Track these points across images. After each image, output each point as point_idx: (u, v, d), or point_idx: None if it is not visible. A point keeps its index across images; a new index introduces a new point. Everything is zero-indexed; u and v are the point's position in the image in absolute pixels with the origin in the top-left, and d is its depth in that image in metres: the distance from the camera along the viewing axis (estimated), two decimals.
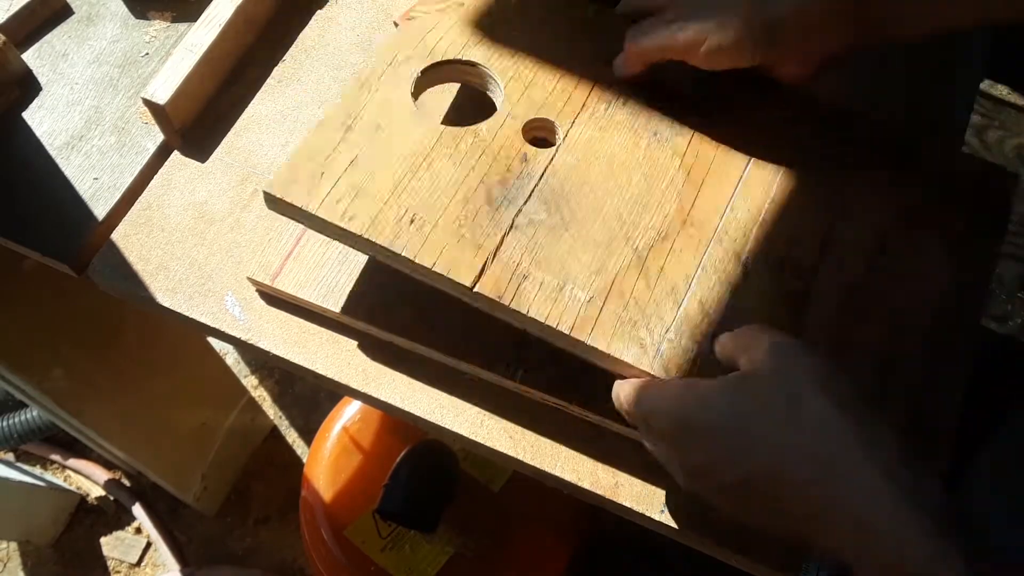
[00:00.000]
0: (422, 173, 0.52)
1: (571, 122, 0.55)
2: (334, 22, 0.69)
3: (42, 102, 0.66)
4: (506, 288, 0.49)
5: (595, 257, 0.51)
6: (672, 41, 0.53)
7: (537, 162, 0.53)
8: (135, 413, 1.10)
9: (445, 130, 0.54)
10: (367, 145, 0.52)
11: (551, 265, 0.50)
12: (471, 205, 0.51)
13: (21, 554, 1.38)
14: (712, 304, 0.50)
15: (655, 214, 0.53)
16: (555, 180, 0.53)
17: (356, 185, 0.51)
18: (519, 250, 0.50)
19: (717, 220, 0.53)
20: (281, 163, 0.52)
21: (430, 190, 0.51)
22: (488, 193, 0.52)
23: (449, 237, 0.50)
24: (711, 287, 0.51)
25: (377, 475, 0.98)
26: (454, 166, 0.52)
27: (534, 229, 0.51)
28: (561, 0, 0.60)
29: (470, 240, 0.50)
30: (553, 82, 0.57)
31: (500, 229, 0.50)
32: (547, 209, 0.52)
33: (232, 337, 0.57)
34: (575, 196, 0.52)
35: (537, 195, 0.52)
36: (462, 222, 0.50)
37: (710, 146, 0.56)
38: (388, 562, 0.95)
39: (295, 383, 1.48)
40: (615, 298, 0.49)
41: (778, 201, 0.55)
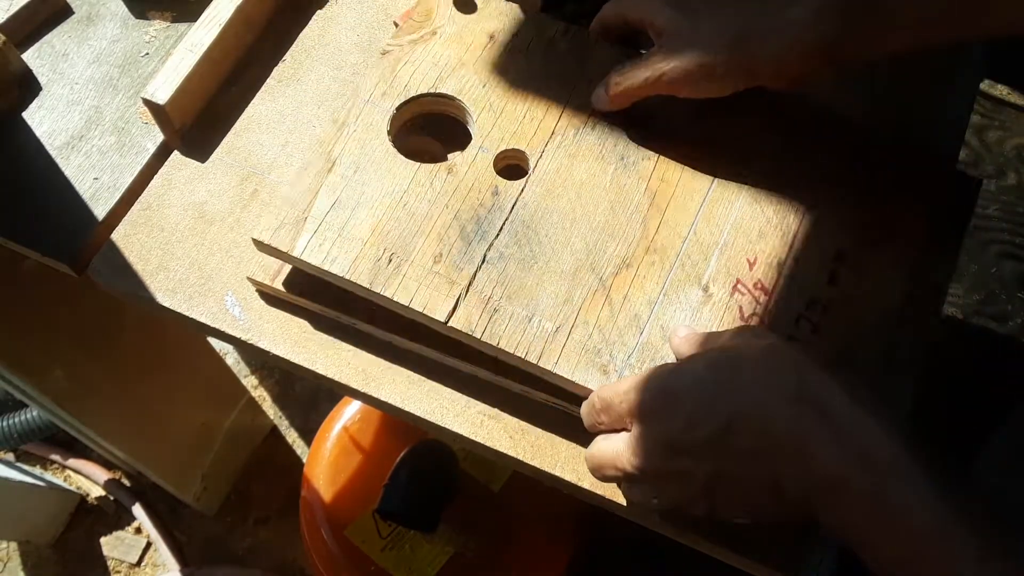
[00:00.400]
0: (399, 212, 0.54)
1: (540, 152, 0.57)
2: (334, 22, 0.69)
3: (42, 102, 0.66)
4: (477, 322, 0.51)
5: (562, 287, 0.53)
6: (657, 81, 0.54)
7: (508, 195, 0.55)
8: (135, 413, 1.10)
9: (420, 168, 0.56)
10: (347, 187, 0.55)
11: (520, 297, 0.52)
12: (445, 242, 0.53)
13: (21, 554, 1.38)
14: (673, 329, 0.52)
15: (620, 242, 0.55)
16: (525, 212, 0.55)
17: (337, 227, 0.53)
18: (490, 284, 0.52)
19: (680, 244, 0.55)
20: (271, 208, 0.53)
21: (406, 228, 0.54)
22: (461, 229, 0.54)
23: (424, 275, 0.52)
24: (672, 312, 0.53)
25: (377, 475, 0.98)
26: (428, 204, 0.55)
27: (504, 263, 0.53)
28: (531, 27, 0.61)
29: (444, 276, 0.52)
30: (523, 110, 0.58)
31: (473, 264, 0.53)
32: (517, 242, 0.54)
33: (232, 337, 0.57)
34: (544, 227, 0.55)
35: (508, 228, 0.54)
36: (437, 259, 0.53)
37: (675, 168, 0.57)
38: (388, 562, 0.95)
39: (295, 383, 1.48)
40: (580, 327, 0.52)
41: (739, 222, 0.56)
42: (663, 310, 0.53)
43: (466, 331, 0.51)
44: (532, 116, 0.58)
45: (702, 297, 0.53)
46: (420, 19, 0.62)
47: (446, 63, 0.60)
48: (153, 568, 1.36)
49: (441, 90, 0.59)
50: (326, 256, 0.53)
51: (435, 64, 0.60)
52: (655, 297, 0.53)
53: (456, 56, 0.60)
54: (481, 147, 0.57)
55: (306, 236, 0.53)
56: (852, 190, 0.58)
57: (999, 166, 1.52)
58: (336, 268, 0.52)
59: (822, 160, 0.58)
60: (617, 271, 0.54)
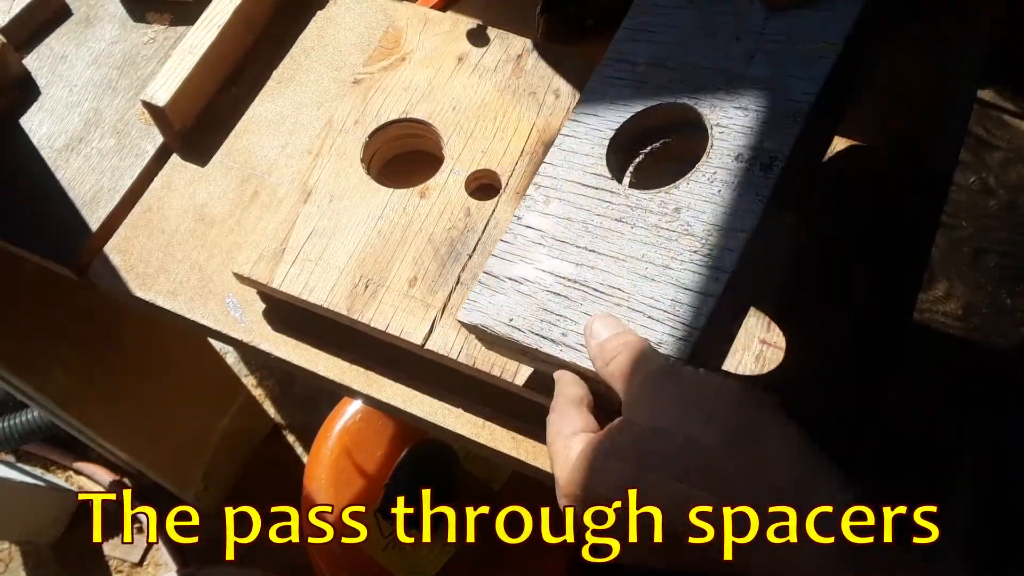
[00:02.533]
0: (374, 238, 0.55)
1: (511, 170, 0.57)
2: (333, 23, 0.69)
3: (41, 104, 0.66)
4: (453, 344, 0.52)
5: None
6: None
7: (480, 215, 0.56)
8: (135, 414, 1.10)
9: (393, 193, 0.57)
10: (322, 216, 0.56)
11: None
12: (420, 266, 0.54)
13: (22, 554, 1.38)
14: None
15: None
16: (497, 231, 0.55)
17: (315, 257, 0.55)
18: None
19: None
20: (247, 244, 0.52)
21: (382, 254, 0.55)
22: (435, 252, 0.55)
23: (400, 299, 0.53)
24: None
25: (378, 475, 0.98)
26: (402, 229, 0.56)
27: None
28: (499, 46, 0.62)
29: (419, 300, 0.53)
30: (493, 130, 0.59)
31: (447, 286, 0.54)
32: None
33: (233, 339, 0.57)
34: None
35: (481, 249, 0.55)
36: (412, 283, 0.54)
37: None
38: (389, 562, 0.95)
39: (295, 383, 1.48)
40: None
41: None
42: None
43: (442, 353, 0.52)
44: (502, 136, 0.59)
45: None
46: (389, 46, 0.62)
47: (416, 88, 0.61)
48: (155, 568, 1.37)
49: (413, 115, 0.60)
50: (304, 285, 0.54)
51: (406, 90, 0.61)
52: None
53: (426, 80, 0.61)
54: (452, 170, 0.57)
55: (284, 267, 0.54)
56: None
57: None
58: (315, 297, 0.53)
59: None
60: None
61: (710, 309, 0.42)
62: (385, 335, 0.53)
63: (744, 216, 0.43)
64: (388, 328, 0.53)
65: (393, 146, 0.61)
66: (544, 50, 0.62)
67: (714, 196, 0.44)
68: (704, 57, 0.49)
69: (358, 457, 1.03)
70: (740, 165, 0.45)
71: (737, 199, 0.44)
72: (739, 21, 0.50)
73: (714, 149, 0.46)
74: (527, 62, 0.61)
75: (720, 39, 0.50)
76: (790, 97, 0.46)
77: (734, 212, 0.43)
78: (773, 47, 0.48)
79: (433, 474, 0.96)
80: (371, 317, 0.53)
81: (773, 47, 0.48)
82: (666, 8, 0.52)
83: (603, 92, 0.51)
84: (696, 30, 0.51)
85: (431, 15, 0.64)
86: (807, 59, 0.47)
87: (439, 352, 0.52)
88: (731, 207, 0.44)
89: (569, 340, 0.44)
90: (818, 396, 0.51)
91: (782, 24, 0.48)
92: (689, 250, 0.43)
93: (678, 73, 0.49)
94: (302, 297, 0.54)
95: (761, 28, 0.49)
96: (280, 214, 0.56)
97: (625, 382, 0.40)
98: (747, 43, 0.49)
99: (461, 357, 0.52)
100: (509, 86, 0.60)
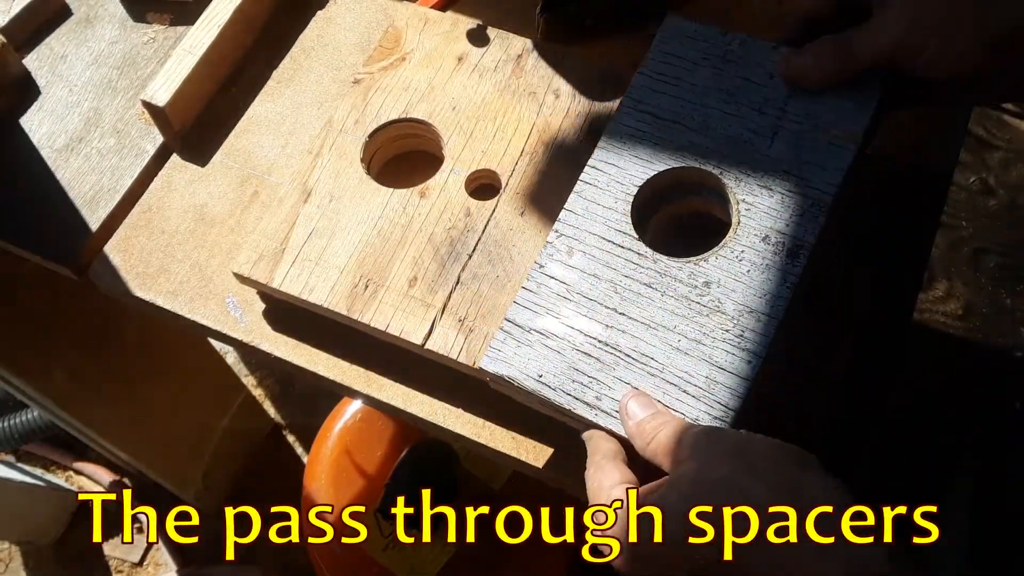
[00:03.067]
0: (374, 238, 0.55)
1: (511, 170, 0.57)
2: (333, 22, 0.69)
3: (41, 104, 0.66)
4: (453, 343, 0.52)
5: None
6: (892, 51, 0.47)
7: (480, 215, 0.56)
8: (135, 414, 1.10)
9: (393, 193, 0.57)
10: (322, 216, 0.56)
11: (495, 317, 0.53)
12: (419, 266, 0.54)
13: (23, 554, 1.38)
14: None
15: None
16: (497, 232, 0.55)
17: (315, 257, 0.55)
18: (465, 305, 0.53)
19: None
20: (246, 243, 0.53)
21: (382, 254, 0.55)
22: (435, 251, 0.55)
23: (400, 299, 0.53)
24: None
25: (378, 474, 0.98)
26: (402, 229, 0.56)
27: (478, 283, 0.54)
28: (498, 46, 0.61)
29: (419, 300, 0.53)
30: (493, 129, 0.59)
31: (447, 286, 0.54)
32: (490, 262, 0.54)
33: (233, 339, 0.57)
34: (516, 245, 0.55)
35: (481, 248, 0.55)
36: (412, 283, 0.54)
37: None
38: (389, 562, 0.95)
39: (295, 383, 1.48)
40: None
41: None
42: None
43: (442, 353, 0.52)
44: (502, 136, 0.59)
45: None
46: (389, 46, 0.62)
47: (416, 88, 0.61)
48: (155, 568, 1.37)
49: (412, 115, 0.59)
50: (304, 285, 0.54)
51: (406, 90, 0.60)
52: None
53: (426, 80, 0.61)
54: (453, 170, 0.57)
55: (284, 267, 0.54)
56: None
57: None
58: (315, 297, 0.53)
59: None
60: None
61: (745, 391, 0.43)
62: (385, 335, 0.53)
63: (774, 302, 0.45)
64: (388, 328, 0.53)
65: (393, 146, 0.61)
66: (544, 50, 0.62)
67: (743, 276, 0.46)
68: (726, 125, 0.50)
69: (358, 457, 1.03)
70: (768, 248, 0.46)
71: (766, 282, 0.45)
72: (759, 91, 0.50)
73: (741, 227, 0.47)
74: (527, 62, 0.61)
75: (741, 107, 0.50)
76: (813, 185, 0.47)
77: (764, 295, 0.45)
78: (795, 127, 0.49)
79: (433, 474, 0.96)
80: (371, 317, 0.53)
81: (795, 127, 0.49)
82: (683, 61, 0.52)
83: (623, 142, 0.51)
84: (715, 92, 0.51)
85: (431, 15, 0.64)
86: (830, 147, 0.48)
87: (439, 352, 0.52)
88: (760, 290, 0.45)
89: (604, 405, 0.44)
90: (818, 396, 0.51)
91: (803, 104, 0.49)
92: (721, 328, 0.44)
93: (700, 136, 0.50)
94: (302, 297, 0.54)
95: (783, 104, 0.50)
96: (280, 214, 0.56)
97: (670, 455, 0.41)
98: (769, 118, 0.49)
99: (461, 357, 0.52)
100: (509, 86, 0.60)
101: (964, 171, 1.52)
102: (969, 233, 1.48)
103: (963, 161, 1.51)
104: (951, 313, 1.42)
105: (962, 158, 1.49)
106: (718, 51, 0.52)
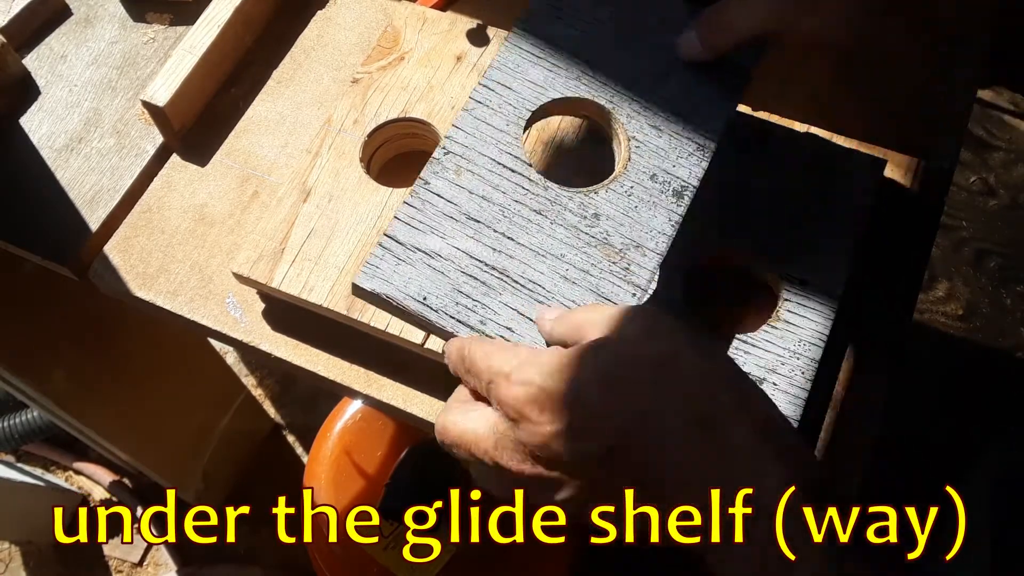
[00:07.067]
0: (373, 238, 0.55)
1: None
2: (333, 22, 0.69)
3: (41, 104, 0.66)
4: None
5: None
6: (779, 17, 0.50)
7: None
8: (135, 414, 1.10)
9: (392, 193, 0.57)
10: (322, 216, 0.56)
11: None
12: None
13: (23, 554, 1.38)
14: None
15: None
16: None
17: (314, 256, 0.55)
18: None
19: None
20: (245, 243, 0.54)
21: None
22: None
23: None
24: None
25: (378, 474, 0.98)
26: None
27: None
28: (496, 44, 0.61)
29: None
30: None
31: None
32: None
33: (233, 339, 0.57)
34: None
35: None
36: None
37: None
38: (389, 562, 0.95)
39: (295, 383, 1.48)
40: None
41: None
42: None
43: (442, 352, 0.51)
44: None
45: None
46: (388, 45, 0.62)
47: (415, 87, 0.61)
48: (155, 568, 1.37)
49: (411, 115, 0.60)
50: (304, 285, 0.54)
51: (404, 89, 0.60)
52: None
53: (425, 79, 0.61)
54: None
55: (284, 267, 0.54)
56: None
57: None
58: (314, 297, 0.53)
59: None
60: None
61: None
62: (385, 335, 0.53)
63: (659, 238, 0.46)
64: (388, 328, 0.53)
65: (392, 145, 0.61)
66: None
67: (631, 211, 0.47)
68: (622, 62, 0.50)
69: (358, 457, 1.03)
70: (655, 186, 0.47)
71: (652, 219, 0.46)
72: (655, 35, 0.51)
73: (631, 163, 0.48)
74: None
75: (637, 47, 0.51)
76: (699, 131, 0.49)
77: (649, 232, 0.46)
78: (683, 75, 0.50)
79: (433, 474, 0.96)
80: (371, 317, 0.53)
81: (683, 75, 0.50)
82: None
83: (518, 65, 0.50)
84: (613, 30, 0.51)
85: (430, 14, 0.64)
86: (715, 98, 0.49)
87: (439, 352, 0.52)
88: (647, 226, 0.46)
89: (488, 329, 0.43)
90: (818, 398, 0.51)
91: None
92: (608, 260, 0.45)
93: (595, 69, 0.50)
94: (302, 297, 0.54)
95: (675, 50, 0.50)
96: (279, 214, 0.56)
97: (591, 326, 0.39)
98: (662, 62, 0.50)
99: None
100: None
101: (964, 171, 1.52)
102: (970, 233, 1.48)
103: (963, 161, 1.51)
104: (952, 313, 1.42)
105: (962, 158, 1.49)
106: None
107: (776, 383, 0.49)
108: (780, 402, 0.48)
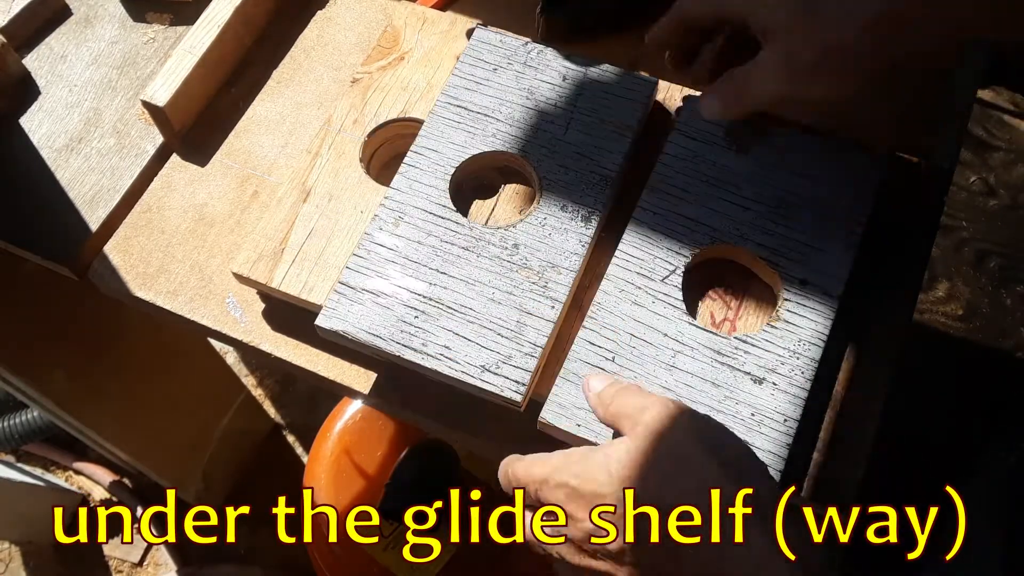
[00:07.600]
0: None
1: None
2: (333, 23, 0.69)
3: (41, 104, 0.66)
4: None
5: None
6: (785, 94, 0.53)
7: (479, 215, 0.57)
8: (135, 414, 1.10)
9: None
10: (321, 216, 0.57)
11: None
12: None
13: (23, 554, 1.38)
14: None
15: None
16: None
17: (314, 257, 0.55)
18: None
19: None
20: (244, 244, 0.56)
21: None
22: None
23: None
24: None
25: (378, 474, 0.98)
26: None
27: None
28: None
29: None
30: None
31: None
32: None
33: (233, 339, 0.57)
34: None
35: None
36: None
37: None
38: (389, 562, 0.95)
39: (295, 383, 1.48)
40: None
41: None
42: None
43: None
44: None
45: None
46: (388, 45, 0.62)
47: (415, 87, 0.61)
48: (155, 568, 1.37)
49: (411, 115, 0.60)
50: (303, 285, 0.54)
51: (404, 89, 0.61)
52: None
53: (425, 79, 0.61)
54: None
55: (283, 267, 0.55)
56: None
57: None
58: (314, 297, 0.54)
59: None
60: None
61: (549, 331, 0.50)
62: None
63: (571, 257, 0.53)
64: None
65: (392, 145, 0.61)
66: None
67: (546, 238, 0.53)
68: (528, 117, 0.57)
69: (358, 457, 1.03)
70: (566, 215, 0.54)
71: (564, 242, 0.53)
72: (554, 91, 0.58)
73: (544, 197, 0.55)
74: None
75: (540, 103, 0.58)
76: (602, 165, 0.56)
77: (562, 253, 0.53)
78: (584, 119, 0.57)
79: (433, 474, 0.96)
80: None
81: (584, 119, 0.57)
82: (490, 65, 0.59)
83: (441, 131, 0.57)
84: (517, 91, 0.58)
85: (430, 14, 0.64)
86: (612, 135, 0.56)
87: None
88: (560, 249, 0.53)
89: (428, 349, 0.50)
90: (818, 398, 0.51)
91: (590, 101, 0.58)
92: (529, 281, 0.52)
93: (507, 126, 0.57)
94: (301, 297, 0.54)
95: (574, 101, 0.58)
96: (279, 214, 0.56)
97: (628, 420, 0.43)
98: (563, 112, 0.58)
99: None
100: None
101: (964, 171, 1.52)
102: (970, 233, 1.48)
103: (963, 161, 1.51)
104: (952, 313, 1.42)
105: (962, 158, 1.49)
106: (520, 58, 0.60)
107: (776, 383, 0.49)
108: (780, 402, 0.48)
